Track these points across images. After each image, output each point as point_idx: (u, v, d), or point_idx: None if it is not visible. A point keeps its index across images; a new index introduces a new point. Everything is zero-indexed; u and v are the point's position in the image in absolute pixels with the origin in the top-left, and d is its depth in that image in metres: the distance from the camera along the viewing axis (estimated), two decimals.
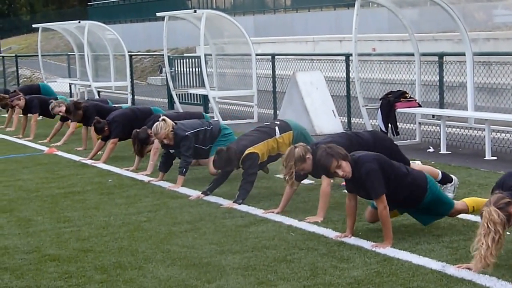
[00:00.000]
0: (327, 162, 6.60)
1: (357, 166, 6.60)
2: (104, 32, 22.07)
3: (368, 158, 6.65)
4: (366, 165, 6.57)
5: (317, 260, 6.26)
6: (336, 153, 6.59)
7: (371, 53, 15.33)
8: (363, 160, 6.63)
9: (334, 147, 6.68)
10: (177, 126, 9.57)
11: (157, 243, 6.98)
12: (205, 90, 16.63)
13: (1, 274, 6.25)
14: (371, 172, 6.53)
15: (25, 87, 19.46)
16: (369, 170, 6.54)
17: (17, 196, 9.46)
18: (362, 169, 6.57)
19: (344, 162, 6.58)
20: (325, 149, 6.65)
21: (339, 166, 6.58)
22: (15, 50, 48.55)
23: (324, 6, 32.82)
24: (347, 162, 6.59)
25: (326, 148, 6.67)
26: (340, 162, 6.56)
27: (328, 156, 6.60)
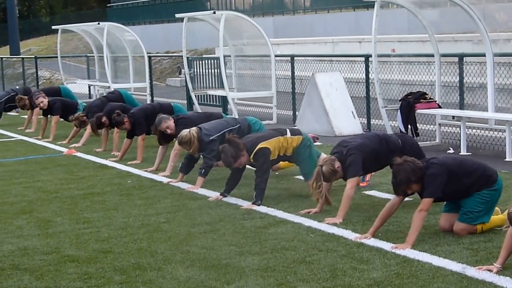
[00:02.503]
0: (403, 179, 6.63)
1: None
2: (123, 33, 22.13)
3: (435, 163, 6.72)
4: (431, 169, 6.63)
5: (337, 262, 6.23)
6: (415, 175, 6.60)
7: (390, 54, 15.26)
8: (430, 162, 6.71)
9: (416, 168, 6.64)
10: (202, 132, 9.53)
11: (176, 244, 6.98)
12: (224, 91, 16.64)
13: (21, 275, 6.27)
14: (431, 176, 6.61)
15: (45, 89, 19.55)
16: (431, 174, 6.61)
17: (37, 197, 9.49)
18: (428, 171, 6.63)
19: (415, 185, 6.62)
20: (409, 166, 6.64)
21: (411, 188, 6.64)
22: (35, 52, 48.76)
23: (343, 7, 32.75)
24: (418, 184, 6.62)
25: (410, 165, 6.64)
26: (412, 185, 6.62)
27: (407, 175, 6.61)
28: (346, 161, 7.62)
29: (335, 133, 13.70)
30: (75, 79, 26.28)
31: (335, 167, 7.58)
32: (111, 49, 22.19)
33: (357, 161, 7.63)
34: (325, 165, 7.59)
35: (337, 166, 7.58)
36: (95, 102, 15.15)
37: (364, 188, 8.89)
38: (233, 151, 8.35)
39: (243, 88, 17.74)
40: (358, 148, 7.69)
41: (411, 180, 6.61)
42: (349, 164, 7.60)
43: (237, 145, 8.37)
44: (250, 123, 10.02)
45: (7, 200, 9.37)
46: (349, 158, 7.62)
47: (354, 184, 7.62)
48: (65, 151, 13.26)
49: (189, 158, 9.91)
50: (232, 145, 8.37)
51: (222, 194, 8.82)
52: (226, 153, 8.37)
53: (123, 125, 11.67)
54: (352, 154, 7.63)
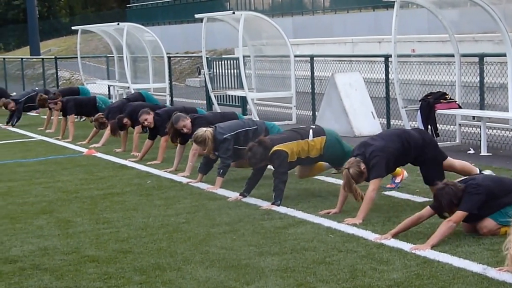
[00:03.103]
0: (446, 203, 6.66)
1: None
2: (143, 34, 22.17)
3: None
4: None
5: (356, 262, 6.21)
6: (457, 198, 6.63)
7: (410, 54, 15.20)
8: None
9: (458, 190, 6.66)
10: (216, 131, 9.55)
11: (196, 245, 6.98)
12: (244, 91, 16.64)
13: (41, 275, 6.29)
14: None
15: (64, 89, 19.66)
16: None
17: (57, 197, 9.53)
18: None
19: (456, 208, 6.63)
20: (451, 189, 6.67)
21: (453, 211, 6.65)
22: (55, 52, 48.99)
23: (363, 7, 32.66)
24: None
25: (452, 188, 6.68)
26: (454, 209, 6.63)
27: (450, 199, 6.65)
28: (370, 163, 7.59)
29: (354, 133, 13.67)
30: (94, 79, 26.36)
31: (361, 169, 7.57)
32: (130, 49, 22.24)
33: (381, 164, 7.61)
34: (351, 167, 7.58)
35: (363, 167, 7.58)
36: (115, 103, 15.21)
37: (384, 189, 8.84)
38: (262, 153, 8.36)
39: (263, 88, 17.74)
40: (381, 150, 7.66)
41: (453, 204, 6.62)
42: (373, 166, 7.58)
43: (266, 148, 8.38)
44: (268, 127, 10.00)
45: (27, 200, 9.42)
46: (372, 160, 7.59)
47: (376, 186, 7.59)
48: (84, 151, 13.31)
49: (207, 158, 9.92)
50: (262, 146, 8.38)
51: (242, 194, 8.82)
52: (255, 152, 8.39)
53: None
54: (376, 156, 7.60)
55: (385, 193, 8.71)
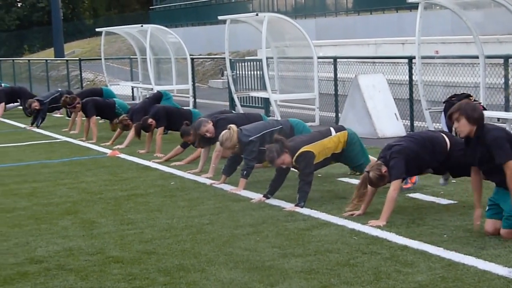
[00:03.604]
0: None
1: (484, 133, 6.73)
2: (166, 35, 22.25)
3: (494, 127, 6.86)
4: (493, 132, 6.71)
5: (381, 264, 6.19)
6: None
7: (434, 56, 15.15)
8: (489, 127, 6.79)
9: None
10: (241, 133, 9.56)
11: (220, 246, 6.99)
12: (267, 93, 16.65)
13: (66, 275, 6.33)
14: (497, 139, 6.65)
15: (87, 90, 19.76)
16: (496, 137, 6.66)
17: (81, 198, 9.58)
18: (488, 135, 6.69)
19: None
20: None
21: None
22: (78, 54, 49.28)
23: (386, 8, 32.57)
24: None
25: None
26: None
27: None
28: (389, 164, 7.59)
29: (378, 135, 13.63)
30: (118, 81, 26.48)
31: (382, 172, 7.56)
32: (154, 51, 22.33)
33: (400, 164, 7.58)
34: (372, 170, 7.58)
35: (384, 170, 7.57)
36: (138, 104, 15.27)
37: (408, 191, 8.82)
38: (277, 148, 8.38)
39: (286, 90, 17.74)
40: (400, 151, 7.64)
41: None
42: (392, 167, 7.57)
43: (282, 143, 8.40)
44: (292, 124, 10.03)
45: (52, 201, 9.48)
46: (391, 161, 7.59)
47: (397, 186, 7.57)
48: (108, 152, 13.36)
49: (231, 159, 9.93)
50: (277, 142, 8.43)
51: (265, 196, 8.82)
52: (271, 148, 8.43)
53: (189, 137, 11.18)
54: (395, 157, 7.59)
55: (409, 195, 8.68)
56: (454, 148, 7.80)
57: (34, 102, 18.26)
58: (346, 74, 16.67)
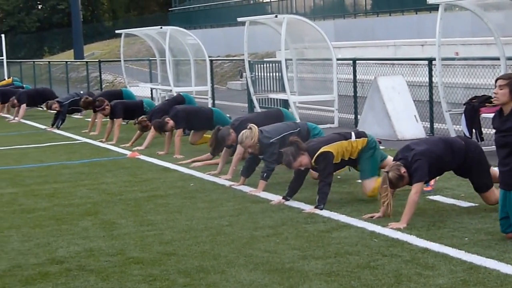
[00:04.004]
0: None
1: None
2: (185, 37, 22.30)
3: None
4: None
5: (401, 267, 6.17)
6: None
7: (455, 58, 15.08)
8: None
9: None
10: (262, 135, 9.56)
11: (239, 248, 6.99)
12: (286, 94, 16.64)
13: (87, 276, 6.35)
14: None
15: (107, 92, 19.84)
16: None
17: (101, 199, 9.61)
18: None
19: None
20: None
21: None
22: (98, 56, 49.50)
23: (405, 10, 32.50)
24: None
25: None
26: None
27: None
28: (412, 167, 7.56)
29: (397, 137, 13.60)
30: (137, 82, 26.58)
31: (401, 172, 7.54)
32: (173, 52, 22.37)
33: (423, 167, 7.55)
34: (391, 171, 7.56)
35: (403, 171, 7.54)
36: (158, 106, 15.31)
37: (429, 193, 8.79)
38: (293, 151, 8.37)
39: (305, 91, 17.72)
40: (424, 154, 7.61)
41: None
42: (415, 170, 7.54)
43: (298, 145, 8.38)
44: (309, 128, 10.01)
45: (73, 201, 9.52)
46: (414, 163, 7.55)
47: (419, 189, 7.54)
48: (128, 153, 13.40)
49: (250, 161, 9.94)
50: (293, 145, 8.39)
51: (285, 198, 8.82)
52: (286, 152, 8.42)
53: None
54: (418, 159, 7.56)
55: (430, 198, 8.65)
56: (469, 151, 7.76)
57: (54, 104, 18.35)
58: (365, 76, 16.64)
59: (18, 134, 17.92)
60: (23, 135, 17.54)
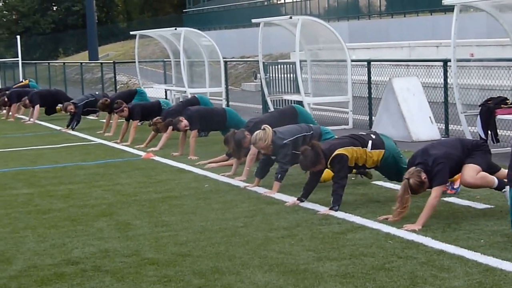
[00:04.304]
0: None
1: None
2: (200, 38, 22.32)
3: None
4: None
5: (417, 269, 6.15)
6: None
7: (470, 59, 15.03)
8: None
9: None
10: (275, 136, 9.56)
11: (254, 249, 6.99)
12: (300, 96, 16.63)
13: (103, 277, 6.37)
14: None
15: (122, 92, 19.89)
16: None
17: (116, 200, 9.63)
18: None
19: None
20: None
21: None
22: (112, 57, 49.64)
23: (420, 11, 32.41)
24: None
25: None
26: None
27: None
28: (433, 171, 7.51)
29: (412, 138, 13.56)
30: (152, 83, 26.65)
31: (422, 179, 7.50)
32: (187, 54, 22.41)
33: (445, 171, 7.53)
34: (412, 177, 7.52)
35: (423, 177, 7.51)
36: (172, 107, 15.33)
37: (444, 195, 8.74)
38: (313, 156, 8.35)
39: (319, 93, 17.71)
40: (445, 157, 7.58)
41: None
42: (436, 173, 7.50)
43: (318, 152, 8.36)
44: (322, 132, 10.00)
45: (88, 202, 9.54)
46: (436, 167, 7.51)
47: (439, 193, 7.51)
48: (143, 155, 13.43)
49: (263, 162, 9.94)
50: (314, 150, 8.37)
51: (299, 199, 8.81)
52: (306, 156, 8.38)
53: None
54: (440, 163, 7.52)
55: (445, 199, 8.62)
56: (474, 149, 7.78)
57: (70, 105, 18.43)
58: (379, 77, 16.61)
59: (33, 135, 18.00)
60: (38, 136, 17.61)
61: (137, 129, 15.49)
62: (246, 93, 27.64)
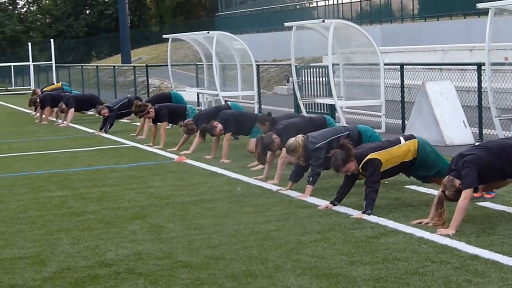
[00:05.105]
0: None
1: None
2: (232, 42, 22.34)
3: None
4: None
5: (450, 274, 6.11)
6: None
7: (504, 62, 14.90)
8: None
9: None
10: (307, 140, 9.55)
11: (287, 252, 6.99)
12: (332, 99, 16.60)
13: (136, 279, 6.40)
14: None
15: (156, 95, 19.99)
16: None
17: (149, 203, 9.67)
18: None
19: None
20: None
21: None
22: (145, 60, 49.87)
23: (453, 14, 32.21)
24: None
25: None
26: None
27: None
28: (461, 173, 7.48)
29: (445, 142, 13.47)
30: (184, 87, 26.70)
31: (457, 187, 7.47)
32: (219, 57, 22.44)
33: (471, 173, 7.48)
34: (447, 190, 7.52)
35: (458, 184, 7.47)
36: (205, 110, 15.36)
37: (478, 199, 8.68)
38: (343, 155, 8.34)
39: (352, 96, 17.65)
40: (472, 161, 7.53)
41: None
42: (463, 176, 7.46)
43: (348, 151, 8.36)
44: (360, 131, 9.98)
45: (121, 205, 9.60)
46: (463, 170, 7.48)
47: (468, 195, 7.46)
48: (175, 158, 13.48)
49: (298, 166, 9.92)
50: (344, 149, 8.37)
51: (332, 203, 8.79)
52: (336, 156, 8.40)
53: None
54: (467, 167, 7.48)
55: (479, 204, 8.55)
56: None
57: (104, 109, 18.56)
58: (412, 81, 16.51)
59: (67, 138, 18.14)
60: (72, 139, 17.75)
61: (167, 132, 15.53)
62: (278, 97, 27.64)
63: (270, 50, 38.42)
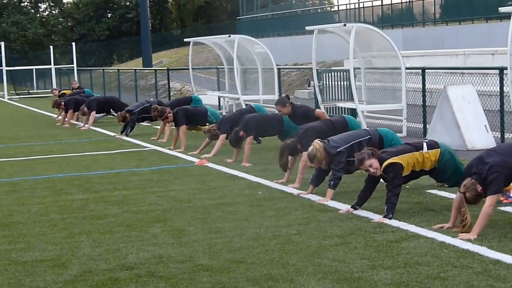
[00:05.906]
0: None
1: None
2: (253, 45, 22.38)
3: None
4: None
5: (472, 279, 6.08)
6: None
7: None
8: None
9: None
10: (329, 145, 9.54)
11: (308, 256, 6.98)
12: (354, 103, 16.57)
13: (157, 282, 6.41)
14: None
15: (176, 99, 20.04)
16: None
17: (170, 206, 9.69)
18: None
19: None
20: None
21: None
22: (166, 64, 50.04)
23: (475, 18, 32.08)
24: None
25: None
26: None
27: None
28: (487, 179, 7.43)
29: (467, 147, 13.41)
30: (205, 90, 26.81)
31: (479, 191, 7.43)
32: (240, 61, 22.48)
33: (499, 179, 7.43)
34: (468, 191, 7.47)
35: (479, 189, 7.43)
36: (228, 115, 15.37)
37: (499, 204, 8.63)
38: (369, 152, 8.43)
39: (373, 100, 17.63)
40: (500, 165, 7.48)
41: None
42: (491, 182, 7.41)
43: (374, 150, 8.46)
44: (381, 134, 9.95)
45: (142, 208, 9.63)
46: (491, 176, 7.42)
47: (493, 202, 7.41)
48: (196, 161, 13.50)
49: (319, 170, 9.91)
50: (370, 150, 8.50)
51: (353, 207, 8.78)
52: (361, 151, 8.53)
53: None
54: (495, 172, 7.42)
55: (501, 209, 8.51)
56: None
57: (126, 114, 18.60)
58: (434, 85, 16.46)
59: (88, 141, 18.22)
60: (93, 142, 17.83)
61: (188, 135, 15.56)
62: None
63: (291, 54, 38.43)
